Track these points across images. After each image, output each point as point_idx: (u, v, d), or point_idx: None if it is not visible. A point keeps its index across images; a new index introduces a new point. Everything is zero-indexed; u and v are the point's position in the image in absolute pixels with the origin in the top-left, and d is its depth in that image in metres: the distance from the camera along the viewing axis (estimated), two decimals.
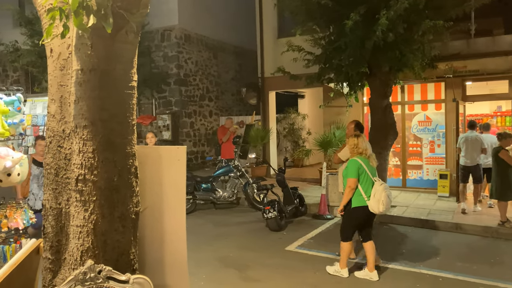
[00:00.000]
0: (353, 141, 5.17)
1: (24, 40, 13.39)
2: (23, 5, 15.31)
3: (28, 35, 13.03)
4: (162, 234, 2.84)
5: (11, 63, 16.26)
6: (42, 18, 2.62)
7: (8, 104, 3.38)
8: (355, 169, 5.01)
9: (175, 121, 13.79)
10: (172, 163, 2.84)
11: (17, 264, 2.66)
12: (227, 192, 8.81)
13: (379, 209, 4.92)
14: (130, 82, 2.59)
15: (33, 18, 12.73)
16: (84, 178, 2.42)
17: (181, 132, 14.00)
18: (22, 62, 14.26)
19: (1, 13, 14.77)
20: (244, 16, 14.82)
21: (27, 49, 13.36)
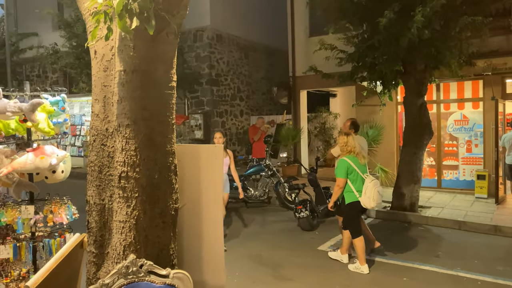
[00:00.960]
0: (343, 139, 5.40)
1: (63, 42, 13.89)
2: (62, 9, 15.84)
3: (66, 38, 13.51)
4: (200, 230, 2.90)
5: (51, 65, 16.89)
6: (87, 21, 2.73)
7: (53, 104, 3.53)
8: (344, 169, 5.27)
9: (207, 120, 13.97)
10: (209, 161, 2.89)
11: (63, 257, 2.78)
12: (259, 191, 8.85)
13: (371, 205, 5.20)
14: (170, 82, 2.66)
15: (71, 21, 13.19)
16: (127, 175, 2.51)
17: (213, 132, 14.15)
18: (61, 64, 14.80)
19: (41, 16, 15.38)
20: (275, 15, 14.83)
21: (66, 51, 13.84)
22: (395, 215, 7.88)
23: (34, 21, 17.54)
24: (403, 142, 8.32)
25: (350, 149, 5.32)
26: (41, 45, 16.38)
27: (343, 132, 5.70)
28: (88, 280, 2.73)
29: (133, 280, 2.40)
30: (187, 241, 2.92)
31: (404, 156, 8.01)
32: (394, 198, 8.07)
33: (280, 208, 8.73)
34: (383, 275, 5.14)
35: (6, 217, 3.32)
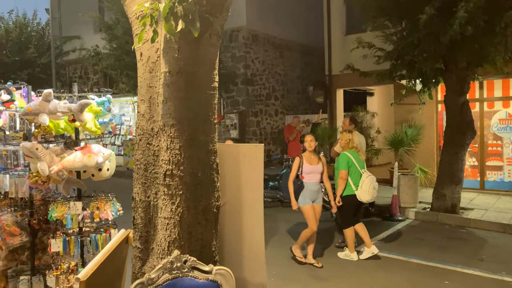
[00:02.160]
0: (347, 136, 5.78)
1: (103, 44, 14.36)
2: (103, 12, 16.38)
3: (107, 40, 13.95)
4: (241, 228, 2.94)
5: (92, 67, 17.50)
6: (133, 24, 2.82)
7: (100, 104, 3.68)
8: (345, 162, 5.63)
9: (242, 120, 14.08)
10: (250, 160, 2.93)
11: (110, 252, 2.90)
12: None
13: (366, 199, 5.62)
14: (212, 83, 2.72)
15: (112, 23, 13.61)
16: (172, 173, 2.58)
17: (248, 131, 14.25)
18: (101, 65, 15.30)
19: (84, 20, 15.96)
20: (311, 14, 14.75)
21: (106, 53, 14.31)
22: (435, 217, 7.68)
23: (76, 25, 18.22)
24: (444, 141, 8.10)
25: (354, 145, 5.72)
26: (83, 48, 17.01)
27: (347, 130, 6.12)
28: (133, 275, 2.82)
29: (178, 275, 2.48)
30: (228, 238, 2.97)
31: (445, 156, 7.79)
32: (434, 199, 7.87)
33: None
34: (423, 278, 5.04)
35: (57, 213, 3.49)
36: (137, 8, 2.58)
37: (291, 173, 5.49)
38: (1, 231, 3.72)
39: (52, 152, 3.45)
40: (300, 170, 5.44)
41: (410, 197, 8.37)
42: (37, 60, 17.53)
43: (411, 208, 8.18)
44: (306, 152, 5.55)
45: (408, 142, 9.16)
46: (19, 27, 17.58)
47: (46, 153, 3.38)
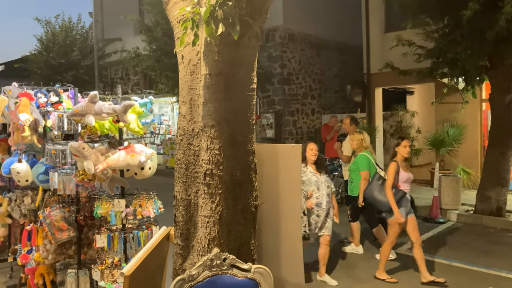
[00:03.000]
0: (359, 136, 5.82)
1: (144, 46, 14.74)
2: (143, 14, 16.82)
3: (147, 42, 14.32)
4: (279, 228, 2.97)
5: (133, 68, 18.02)
6: (175, 28, 2.91)
7: (142, 105, 3.81)
8: (366, 163, 5.61)
9: (278, 119, 14.08)
10: (288, 160, 2.96)
11: (152, 248, 3.00)
12: None
13: None
14: (251, 84, 2.76)
15: (151, 26, 13.95)
16: (211, 173, 2.65)
17: (284, 130, 14.23)
18: (142, 67, 15.72)
19: (125, 22, 16.46)
20: (349, 12, 14.55)
21: (146, 54, 14.68)
22: (479, 219, 7.41)
23: (118, 27, 18.80)
24: (489, 142, 7.80)
25: (366, 145, 5.79)
26: (124, 49, 17.53)
27: (357, 130, 6.21)
28: (174, 271, 2.91)
29: (217, 272, 2.53)
30: (265, 238, 3.01)
31: (490, 157, 7.51)
32: (478, 201, 7.60)
33: None
34: (467, 281, 4.89)
35: (102, 210, 3.64)
36: (179, 12, 2.66)
37: (389, 180, 4.86)
38: (51, 226, 3.92)
39: (98, 152, 3.61)
40: (396, 178, 4.87)
41: (451, 198, 8.12)
42: (81, 62, 18.23)
43: (453, 210, 7.93)
44: (398, 156, 4.94)
45: (450, 142, 8.88)
46: (65, 31, 18.34)
47: (92, 153, 3.53)
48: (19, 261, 4.39)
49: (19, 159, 4.36)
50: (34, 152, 4.74)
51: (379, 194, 4.94)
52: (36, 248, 4.26)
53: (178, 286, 2.47)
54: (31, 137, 4.15)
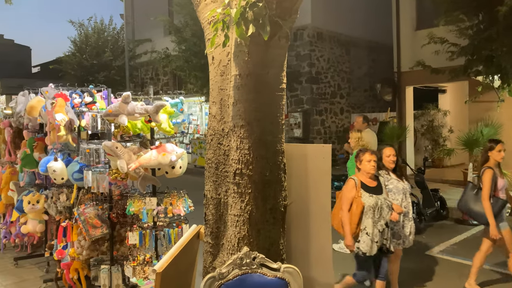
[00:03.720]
0: (357, 135, 5.90)
1: (173, 47, 14.96)
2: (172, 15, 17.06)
3: (176, 42, 14.52)
4: (308, 228, 2.97)
5: (163, 68, 18.32)
6: (206, 29, 2.95)
7: (173, 106, 3.88)
8: None
9: (306, 118, 14.01)
10: (317, 161, 2.94)
11: (183, 246, 3.06)
12: None
13: None
14: (280, 84, 2.77)
15: (181, 26, 14.14)
16: (241, 172, 2.67)
17: (312, 130, 14.16)
18: (171, 67, 15.96)
19: (155, 23, 16.74)
20: (378, 9, 14.32)
21: (176, 55, 14.90)
22: None
23: (148, 28, 19.14)
24: None
25: (363, 143, 5.81)
26: (154, 50, 17.84)
27: (356, 129, 6.26)
28: (204, 269, 2.96)
29: (247, 271, 2.56)
30: (295, 238, 3.01)
31: None
32: None
33: None
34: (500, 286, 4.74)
35: (134, 207, 3.73)
36: (210, 14, 2.69)
37: (485, 189, 4.34)
38: (85, 223, 4.05)
39: (130, 151, 3.70)
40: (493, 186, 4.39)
41: None
42: (113, 63, 18.69)
43: None
44: (491, 161, 4.46)
45: (484, 142, 8.59)
46: (97, 33, 18.84)
47: (125, 152, 3.62)
48: (55, 256, 4.54)
49: (55, 158, 4.51)
50: (69, 151, 4.89)
51: (475, 205, 4.43)
52: (71, 244, 4.40)
53: (209, 284, 2.51)
54: (66, 137, 4.30)
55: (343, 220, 3.85)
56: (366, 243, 3.78)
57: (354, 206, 3.80)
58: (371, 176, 3.94)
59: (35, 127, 5.35)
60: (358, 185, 3.90)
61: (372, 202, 3.81)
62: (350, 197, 3.86)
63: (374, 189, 3.91)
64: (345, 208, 3.86)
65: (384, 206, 3.86)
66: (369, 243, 3.77)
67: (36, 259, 5.49)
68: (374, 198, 3.83)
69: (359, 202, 3.79)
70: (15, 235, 5.60)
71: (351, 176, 4.09)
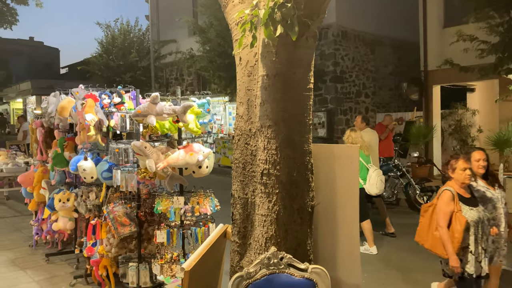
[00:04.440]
0: (346, 134, 6.14)
1: (197, 47, 15.10)
2: (197, 16, 17.22)
3: (201, 43, 14.65)
4: (335, 228, 2.95)
5: (187, 68, 18.49)
6: (233, 30, 2.97)
7: (200, 106, 3.93)
8: None
9: (331, 118, 13.91)
10: (344, 161, 2.93)
11: (211, 244, 3.09)
12: (386, 192, 8.54)
13: (374, 192, 5.95)
14: (308, 84, 2.77)
15: (205, 27, 14.26)
16: (268, 173, 2.68)
17: (336, 129, 14.04)
18: (195, 67, 16.10)
19: (179, 24, 16.93)
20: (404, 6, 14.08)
21: (200, 55, 15.03)
22: None
23: (173, 29, 19.37)
24: None
25: (351, 141, 5.93)
26: (178, 51, 18.04)
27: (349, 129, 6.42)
28: (231, 268, 2.98)
29: (274, 271, 2.57)
30: (322, 238, 3.00)
31: None
32: None
33: (409, 210, 8.31)
34: None
35: (162, 206, 3.79)
36: (238, 15, 2.71)
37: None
38: (114, 221, 4.13)
39: (158, 150, 3.76)
40: None
41: None
42: (138, 63, 19.00)
43: None
44: None
45: None
46: (123, 34, 19.19)
47: (153, 151, 3.69)
48: (85, 253, 4.66)
49: (85, 157, 4.62)
50: (98, 150, 5.00)
51: None
52: (100, 242, 4.50)
53: (237, 283, 2.53)
54: (96, 136, 4.39)
55: (443, 238, 3.42)
56: (471, 263, 3.42)
57: (455, 222, 3.40)
58: (464, 186, 3.55)
59: (65, 127, 5.50)
60: (456, 197, 3.47)
61: (475, 216, 3.42)
62: (448, 211, 3.43)
63: (471, 200, 3.53)
64: (444, 224, 3.43)
65: (485, 219, 3.50)
66: (475, 263, 3.41)
67: (66, 256, 5.65)
68: (476, 212, 3.45)
69: (461, 217, 3.39)
70: (46, 232, 5.76)
71: (446, 187, 3.60)
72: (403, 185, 8.35)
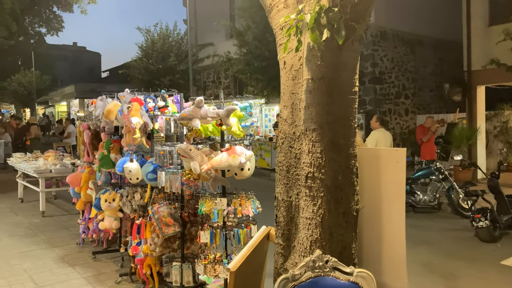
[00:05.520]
0: None
1: (235, 50, 15.25)
2: (234, 19, 17.40)
3: (238, 46, 14.79)
4: (380, 233, 2.93)
5: (224, 71, 18.72)
6: (277, 35, 3.01)
7: (242, 109, 3.98)
8: None
9: (369, 120, 13.67)
10: (390, 165, 2.90)
11: (254, 246, 3.13)
12: (428, 196, 8.34)
13: None
14: (353, 87, 2.76)
15: (242, 30, 14.38)
16: (313, 176, 2.70)
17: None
18: (232, 70, 16.27)
19: (216, 27, 17.17)
20: (446, 4, 13.70)
21: (237, 58, 15.17)
22: None
23: (210, 33, 19.66)
24: None
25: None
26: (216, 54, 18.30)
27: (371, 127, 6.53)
28: (275, 270, 3.01)
29: (319, 274, 2.57)
30: (367, 242, 2.98)
31: None
32: None
33: (452, 215, 8.07)
34: None
35: (205, 207, 3.87)
36: (283, 20, 2.74)
37: None
38: (159, 221, 4.25)
39: (202, 153, 3.84)
40: None
41: None
42: (177, 67, 19.39)
43: None
44: None
45: None
46: (163, 38, 19.65)
47: (198, 154, 3.77)
48: (130, 252, 4.81)
49: (130, 159, 4.77)
50: (142, 152, 5.16)
51: None
52: (145, 241, 4.64)
53: (282, 285, 2.56)
54: (141, 139, 4.55)
55: None
56: None
57: None
58: None
59: (111, 130, 5.70)
60: None
61: None
62: None
63: None
64: None
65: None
66: None
67: (111, 254, 5.84)
68: None
69: None
70: (92, 231, 5.98)
71: None
72: (445, 189, 8.12)
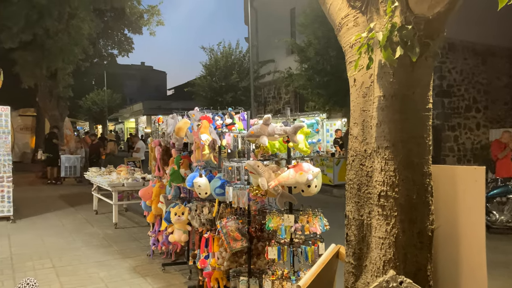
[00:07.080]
0: None
1: (296, 66, 15.35)
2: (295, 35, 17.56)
3: (299, 62, 14.88)
4: (458, 254, 2.80)
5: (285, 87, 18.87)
6: (347, 53, 3.02)
7: (309, 126, 4.01)
8: None
9: (437, 135, 13.14)
10: (468, 183, 2.78)
11: (324, 264, 3.12)
12: (505, 216, 7.81)
13: None
14: (427, 104, 2.70)
15: (304, 46, 14.47)
16: (386, 195, 2.65)
17: (444, 147, 13.23)
18: (293, 86, 16.36)
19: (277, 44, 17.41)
20: None
21: (298, 74, 15.25)
22: None
23: (270, 49, 19.98)
24: None
25: None
26: (276, 70, 18.53)
27: None
28: None
29: None
30: (442, 264, 2.86)
31: None
32: None
33: None
34: None
35: (273, 223, 3.91)
36: (354, 38, 2.76)
37: None
38: (227, 235, 4.35)
39: (270, 169, 3.90)
40: None
41: None
42: (239, 84, 19.87)
43: None
44: None
45: None
46: (225, 56, 20.27)
47: (265, 170, 3.84)
48: (198, 265, 4.95)
49: (200, 174, 4.95)
50: (210, 168, 5.33)
51: None
52: (213, 255, 4.76)
53: None
54: (209, 155, 4.71)
55: None
56: None
57: None
58: None
59: (180, 146, 5.96)
60: None
61: None
62: None
63: None
64: None
65: None
66: None
67: (179, 266, 6.04)
68: None
69: None
70: (162, 243, 6.23)
71: None
72: None
